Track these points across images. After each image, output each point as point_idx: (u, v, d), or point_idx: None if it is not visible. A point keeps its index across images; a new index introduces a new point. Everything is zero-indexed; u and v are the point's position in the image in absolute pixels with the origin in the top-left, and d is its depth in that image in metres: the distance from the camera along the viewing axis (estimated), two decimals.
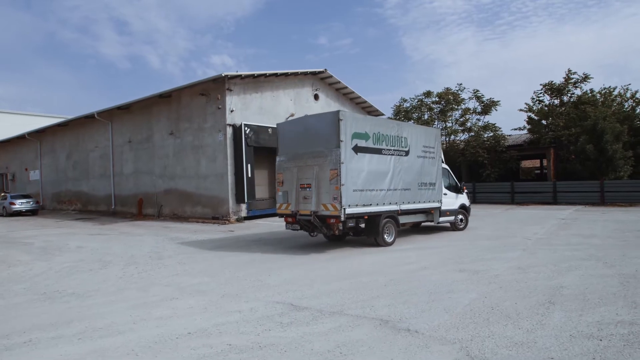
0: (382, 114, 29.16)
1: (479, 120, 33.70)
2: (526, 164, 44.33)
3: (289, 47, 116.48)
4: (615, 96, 30.75)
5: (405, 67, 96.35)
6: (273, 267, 9.40)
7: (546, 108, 32.01)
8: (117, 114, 25.76)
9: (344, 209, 10.63)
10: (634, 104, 29.58)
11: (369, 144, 11.45)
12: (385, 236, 11.86)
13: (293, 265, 9.63)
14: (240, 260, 10.36)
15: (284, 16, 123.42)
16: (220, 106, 20.18)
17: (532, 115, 33.30)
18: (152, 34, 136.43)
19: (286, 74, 22.75)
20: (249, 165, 20.17)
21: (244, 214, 20.59)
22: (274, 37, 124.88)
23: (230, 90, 20.20)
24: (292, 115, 23.11)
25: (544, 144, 30.73)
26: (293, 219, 11.74)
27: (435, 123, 33.27)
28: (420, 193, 13.14)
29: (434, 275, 8.09)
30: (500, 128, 33.29)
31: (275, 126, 21.87)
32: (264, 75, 21.43)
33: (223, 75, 19.28)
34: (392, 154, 12.13)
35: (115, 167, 26.65)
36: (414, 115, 33.51)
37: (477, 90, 33.22)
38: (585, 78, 31.02)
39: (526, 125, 33.59)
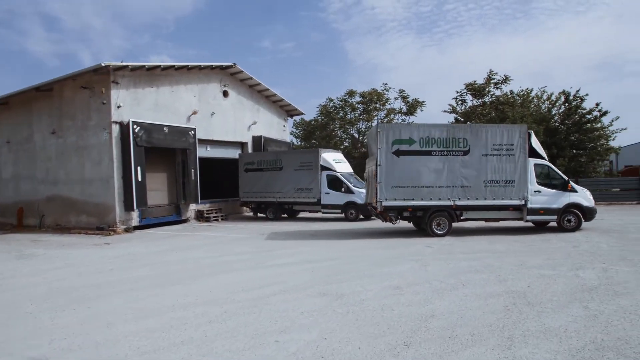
0: (302, 113, 27.63)
1: (404, 120, 33.02)
2: None
3: (231, 49, 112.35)
4: (533, 98, 31.06)
5: (348, 71, 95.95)
6: (100, 295, 7.31)
7: (469, 109, 31.85)
8: None
9: (380, 202, 13.09)
10: (549, 106, 29.95)
11: (415, 147, 13.11)
12: (435, 228, 13.18)
13: (124, 291, 7.58)
14: (64, 288, 8.16)
15: (226, 17, 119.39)
16: (105, 101, 17.59)
17: (457, 117, 33.11)
18: (85, 31, 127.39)
19: (187, 67, 20.49)
20: (138, 167, 17.72)
21: (135, 222, 18.11)
22: (216, 38, 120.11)
23: (117, 83, 17.68)
24: (194, 112, 20.90)
25: None
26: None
27: (360, 123, 32.22)
28: (488, 190, 13.28)
29: (285, 303, 6.37)
30: None
31: (173, 125, 19.81)
32: (159, 67, 19.09)
33: (104, 65, 16.76)
34: (446, 155, 13.17)
35: None
36: (339, 115, 32.22)
37: (403, 90, 32.67)
38: (506, 79, 31.19)
39: None
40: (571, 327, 5.07)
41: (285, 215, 21.47)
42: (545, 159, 13.98)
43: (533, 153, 13.58)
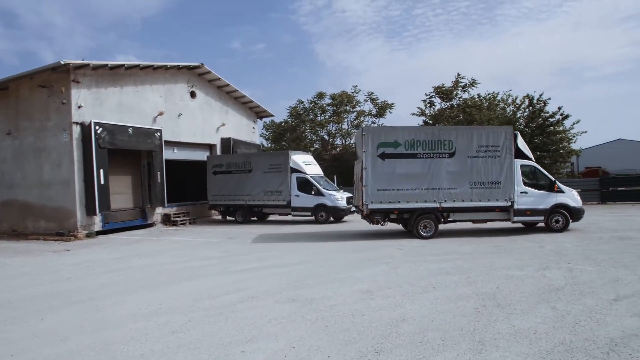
0: (272, 115, 27.36)
1: (374, 122, 33.21)
2: None
3: (200, 50, 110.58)
4: (499, 101, 31.77)
5: (319, 73, 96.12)
6: (56, 306, 6.89)
7: (437, 112, 32.29)
8: None
9: (366, 205, 13.06)
10: (514, 109, 30.70)
11: (400, 150, 13.08)
12: (421, 230, 13.15)
13: (82, 301, 7.17)
14: (16, 299, 7.67)
15: (196, 17, 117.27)
16: (64, 101, 16.86)
17: (426, 119, 33.49)
18: (47, 29, 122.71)
19: (153, 67, 19.91)
20: (101, 170, 17.05)
21: (97, 227, 17.42)
22: (185, 38, 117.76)
23: (78, 82, 16.98)
24: (161, 113, 20.32)
25: None
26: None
27: (330, 125, 32.19)
28: (474, 192, 13.22)
29: (253, 310, 6.15)
30: None
31: (138, 126, 19.19)
32: (123, 66, 18.46)
33: (64, 63, 16.06)
34: (431, 157, 13.14)
35: None
36: (309, 117, 32.10)
37: (372, 93, 32.87)
38: (473, 83, 31.80)
39: None
40: (540, 329, 5.07)
41: (255, 219, 21.12)
42: (532, 160, 13.94)
43: (519, 154, 13.56)
